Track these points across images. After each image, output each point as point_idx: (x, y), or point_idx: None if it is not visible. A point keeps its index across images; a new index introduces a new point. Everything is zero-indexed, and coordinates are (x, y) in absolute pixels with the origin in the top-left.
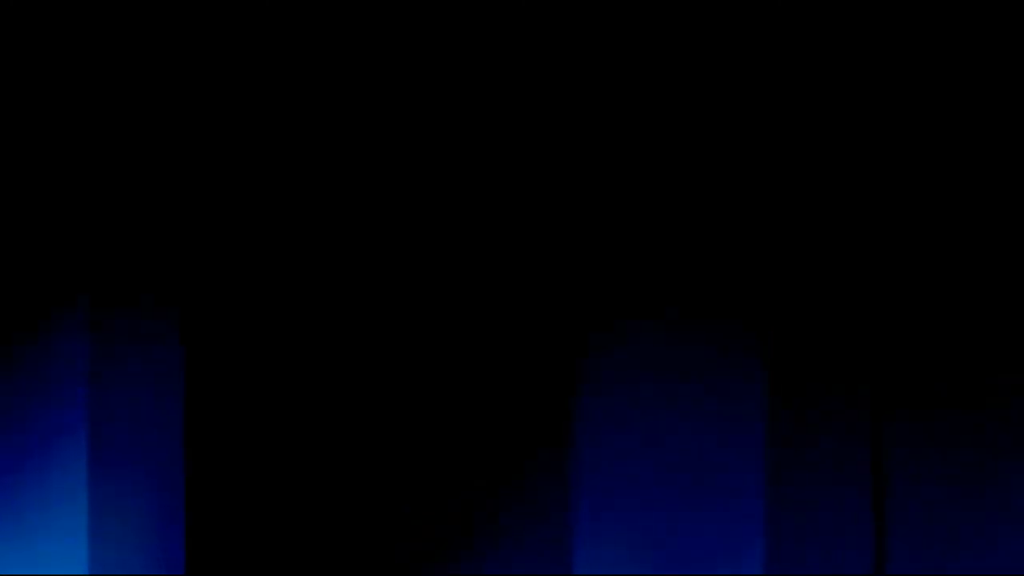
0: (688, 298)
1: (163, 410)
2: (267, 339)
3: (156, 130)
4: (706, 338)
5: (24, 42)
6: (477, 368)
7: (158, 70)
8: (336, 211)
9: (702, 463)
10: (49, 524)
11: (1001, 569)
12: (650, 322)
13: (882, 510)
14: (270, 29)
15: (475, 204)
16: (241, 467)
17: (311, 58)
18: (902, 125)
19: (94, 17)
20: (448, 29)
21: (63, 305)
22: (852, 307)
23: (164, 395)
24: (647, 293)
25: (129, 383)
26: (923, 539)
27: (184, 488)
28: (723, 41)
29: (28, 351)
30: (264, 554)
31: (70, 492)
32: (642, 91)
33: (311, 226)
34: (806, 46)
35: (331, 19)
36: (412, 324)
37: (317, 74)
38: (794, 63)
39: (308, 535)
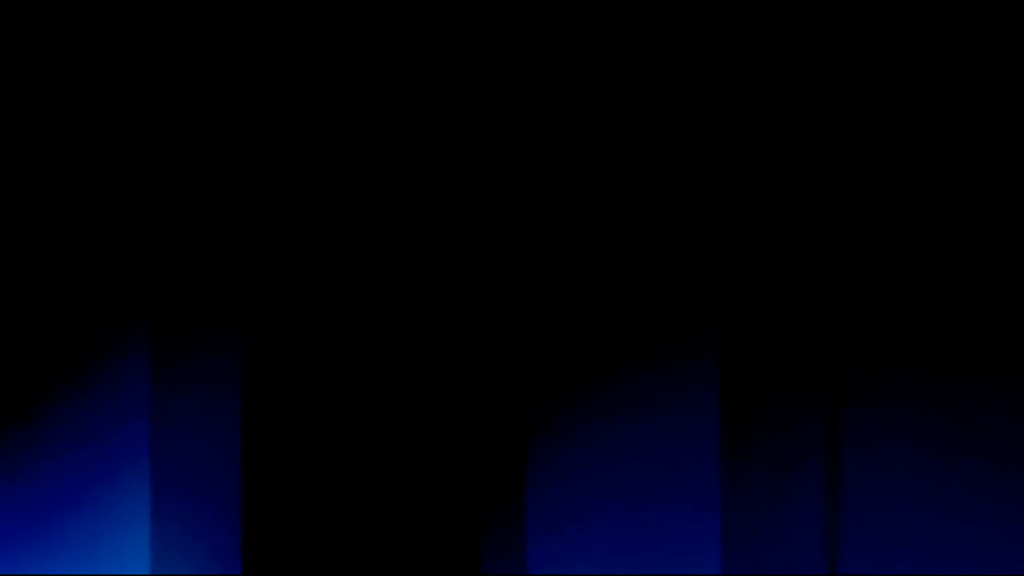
0: (639, 304)
1: (221, 418)
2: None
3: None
4: (660, 349)
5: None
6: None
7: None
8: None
9: (656, 467)
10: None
11: (953, 569)
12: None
13: (837, 512)
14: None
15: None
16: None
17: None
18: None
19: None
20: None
21: (123, 327)
22: (808, 306)
23: (222, 405)
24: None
25: (189, 398)
26: (877, 539)
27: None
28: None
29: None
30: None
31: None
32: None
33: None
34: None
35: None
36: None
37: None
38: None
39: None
